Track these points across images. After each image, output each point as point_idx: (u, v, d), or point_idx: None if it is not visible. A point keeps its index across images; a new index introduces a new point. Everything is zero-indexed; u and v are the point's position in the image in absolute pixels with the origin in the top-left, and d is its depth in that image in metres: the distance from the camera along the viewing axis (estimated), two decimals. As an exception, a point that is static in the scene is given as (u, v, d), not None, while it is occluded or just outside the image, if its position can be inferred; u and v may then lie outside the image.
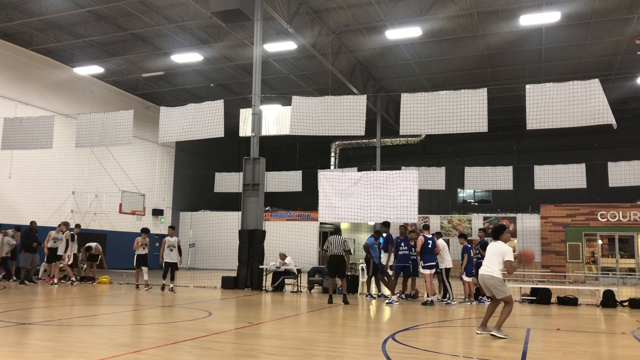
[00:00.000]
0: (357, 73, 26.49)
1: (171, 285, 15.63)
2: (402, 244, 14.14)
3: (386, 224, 14.71)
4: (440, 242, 14.30)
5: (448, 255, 14.30)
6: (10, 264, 18.73)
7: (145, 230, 16.90)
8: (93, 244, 19.04)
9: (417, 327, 9.55)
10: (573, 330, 9.57)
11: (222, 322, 9.73)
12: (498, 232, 8.82)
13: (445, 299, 14.05)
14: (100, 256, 19.16)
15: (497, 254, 8.57)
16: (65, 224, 17.87)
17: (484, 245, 14.42)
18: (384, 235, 14.67)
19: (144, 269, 16.39)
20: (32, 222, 18.39)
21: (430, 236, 13.88)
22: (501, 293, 8.49)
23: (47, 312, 10.78)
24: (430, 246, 13.71)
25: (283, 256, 17.18)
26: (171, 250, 15.92)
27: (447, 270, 14.21)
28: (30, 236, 17.88)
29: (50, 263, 17.41)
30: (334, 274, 13.65)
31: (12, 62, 23.42)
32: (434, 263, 13.72)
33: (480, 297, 14.14)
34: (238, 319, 10.30)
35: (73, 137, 18.65)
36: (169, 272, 15.83)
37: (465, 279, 14.19)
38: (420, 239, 13.70)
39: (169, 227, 16.77)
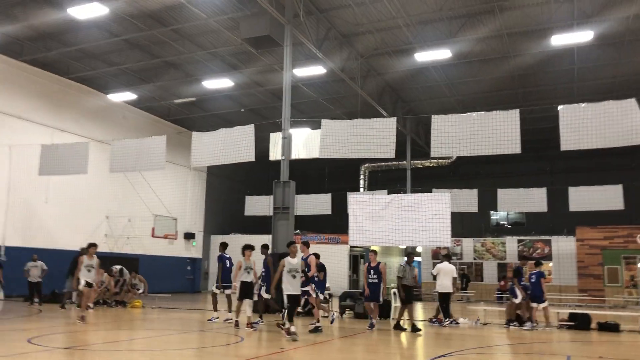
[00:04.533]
0: (386, 95, 26.49)
1: (291, 328, 10.59)
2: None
3: (265, 247, 13.99)
4: (446, 265, 14.66)
5: (448, 280, 14.44)
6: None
7: (249, 247, 12.70)
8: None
9: (452, 354, 9.32)
10: (617, 358, 9.21)
11: (254, 348, 9.66)
12: None
13: (444, 322, 14.25)
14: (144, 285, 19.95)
15: None
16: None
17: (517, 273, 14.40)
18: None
19: (247, 301, 12.37)
20: (83, 249, 18.80)
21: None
22: None
23: (80, 337, 10.87)
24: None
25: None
26: (293, 276, 10.95)
27: (447, 295, 14.38)
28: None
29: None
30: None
31: (49, 90, 24.09)
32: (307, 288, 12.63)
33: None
34: (270, 345, 10.21)
35: (107, 162, 18.97)
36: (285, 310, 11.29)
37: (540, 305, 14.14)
38: (313, 259, 12.69)
39: (297, 242, 11.77)
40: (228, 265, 14.31)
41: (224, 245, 14.67)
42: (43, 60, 23.01)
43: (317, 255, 13.90)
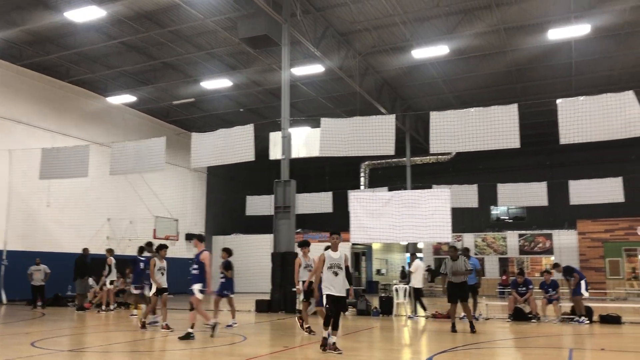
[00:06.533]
0: (384, 93, 26.51)
1: (333, 340, 8.76)
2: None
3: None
4: (419, 262, 16.15)
5: (420, 276, 16.01)
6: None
7: (305, 244, 12.04)
8: None
9: (456, 349, 9.36)
10: (619, 350, 9.25)
11: (257, 347, 9.70)
12: None
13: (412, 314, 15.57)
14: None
15: None
16: (110, 250, 18.15)
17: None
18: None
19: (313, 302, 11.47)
20: (85, 249, 18.97)
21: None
22: None
23: (83, 339, 10.92)
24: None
25: None
26: (336, 274, 8.88)
27: (418, 290, 15.73)
28: (84, 262, 18.40)
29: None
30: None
31: (50, 94, 24.12)
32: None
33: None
34: (273, 343, 10.26)
35: (108, 165, 19.03)
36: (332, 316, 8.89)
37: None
38: (206, 255, 10.76)
39: (333, 233, 9.21)
40: (142, 267, 15.20)
41: (140, 249, 15.47)
42: (42, 64, 23.04)
43: (228, 252, 13.18)
